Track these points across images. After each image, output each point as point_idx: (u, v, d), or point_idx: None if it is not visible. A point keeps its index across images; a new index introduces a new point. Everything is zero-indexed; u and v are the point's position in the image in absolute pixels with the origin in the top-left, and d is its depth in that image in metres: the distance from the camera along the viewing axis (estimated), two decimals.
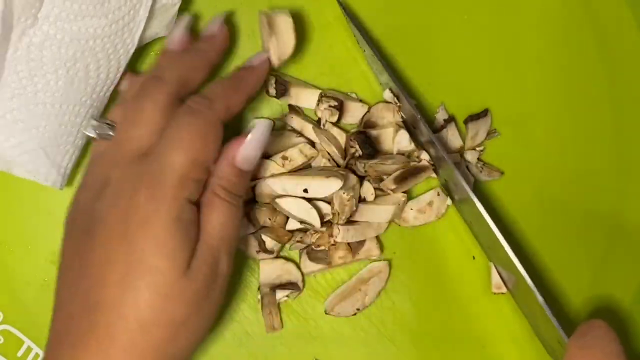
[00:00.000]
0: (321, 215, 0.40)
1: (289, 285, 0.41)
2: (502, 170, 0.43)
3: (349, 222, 0.40)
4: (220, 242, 0.35)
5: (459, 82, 0.44)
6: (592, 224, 0.44)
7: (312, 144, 0.42)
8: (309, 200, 0.40)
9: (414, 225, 0.42)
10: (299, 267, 0.42)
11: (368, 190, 0.41)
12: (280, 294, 0.41)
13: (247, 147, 0.36)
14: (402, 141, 0.42)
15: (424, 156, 0.42)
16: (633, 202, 0.44)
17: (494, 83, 0.44)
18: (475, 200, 0.39)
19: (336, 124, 0.42)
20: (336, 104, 0.41)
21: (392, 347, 0.42)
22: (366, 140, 0.41)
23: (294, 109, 0.43)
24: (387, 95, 0.43)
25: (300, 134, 0.42)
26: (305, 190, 0.39)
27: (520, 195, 0.43)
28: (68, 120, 0.38)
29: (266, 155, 0.41)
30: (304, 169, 0.41)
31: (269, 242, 0.41)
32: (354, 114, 0.43)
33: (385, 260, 0.42)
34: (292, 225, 0.40)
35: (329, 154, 0.41)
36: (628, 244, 0.44)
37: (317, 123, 0.42)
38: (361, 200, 0.41)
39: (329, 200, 0.40)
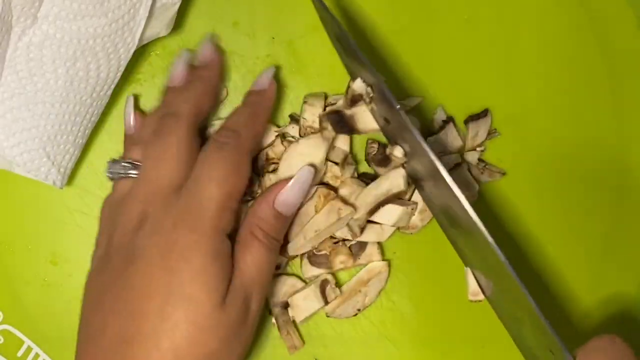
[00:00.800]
0: None
1: None
2: (503, 170, 0.43)
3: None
4: (252, 282, 0.35)
5: (459, 82, 0.44)
6: (593, 223, 0.43)
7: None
8: None
9: (423, 226, 0.42)
10: (301, 278, 0.42)
11: None
12: (292, 312, 0.41)
13: (288, 192, 0.37)
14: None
15: (397, 152, 0.39)
16: (634, 201, 0.44)
17: (494, 83, 0.44)
18: (462, 198, 0.34)
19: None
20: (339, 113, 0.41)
21: (392, 347, 0.42)
22: (339, 119, 0.39)
23: (294, 119, 0.42)
24: (359, 85, 0.39)
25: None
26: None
27: (521, 195, 0.43)
28: (68, 119, 0.38)
29: None
30: None
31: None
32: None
33: (385, 261, 0.42)
34: None
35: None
36: (628, 242, 0.43)
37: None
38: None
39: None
